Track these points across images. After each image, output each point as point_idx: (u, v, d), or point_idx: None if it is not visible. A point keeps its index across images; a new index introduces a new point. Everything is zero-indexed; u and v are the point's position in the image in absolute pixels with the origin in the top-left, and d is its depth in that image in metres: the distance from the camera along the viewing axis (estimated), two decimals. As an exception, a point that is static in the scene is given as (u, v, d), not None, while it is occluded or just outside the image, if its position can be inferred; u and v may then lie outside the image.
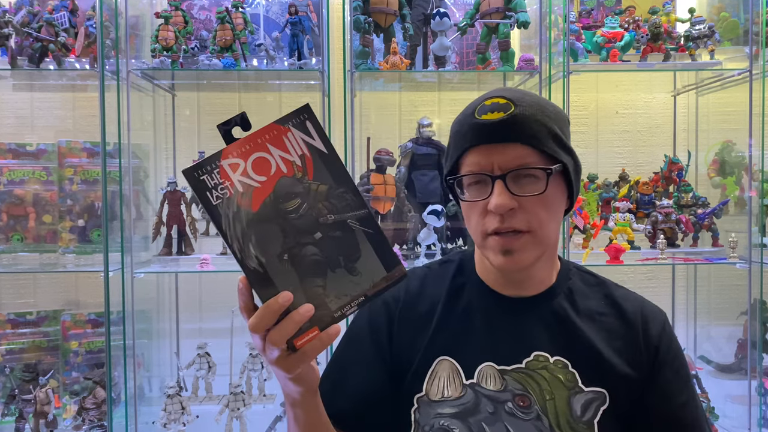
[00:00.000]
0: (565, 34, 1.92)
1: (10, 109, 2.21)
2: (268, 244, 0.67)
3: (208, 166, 0.66)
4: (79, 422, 1.87)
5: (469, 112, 0.91)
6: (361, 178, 1.98)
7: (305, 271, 0.68)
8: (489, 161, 0.88)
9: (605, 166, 2.32)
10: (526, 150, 0.87)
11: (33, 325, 2.03)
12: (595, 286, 1.01)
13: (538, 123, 0.88)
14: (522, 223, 0.88)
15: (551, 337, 0.95)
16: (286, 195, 0.67)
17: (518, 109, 0.87)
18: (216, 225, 0.67)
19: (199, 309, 2.27)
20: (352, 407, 0.95)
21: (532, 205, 0.88)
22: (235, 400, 1.89)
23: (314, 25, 2.02)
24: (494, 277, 0.99)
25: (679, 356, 0.96)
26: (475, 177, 0.89)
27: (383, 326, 0.99)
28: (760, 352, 1.95)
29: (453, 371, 0.94)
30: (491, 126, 0.87)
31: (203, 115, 2.28)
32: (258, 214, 0.67)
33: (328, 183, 0.69)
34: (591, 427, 0.90)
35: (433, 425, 0.93)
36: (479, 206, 0.90)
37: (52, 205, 1.94)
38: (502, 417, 0.91)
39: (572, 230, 1.96)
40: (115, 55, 1.88)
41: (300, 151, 0.68)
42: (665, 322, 0.98)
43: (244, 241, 0.66)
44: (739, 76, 1.99)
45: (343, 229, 0.69)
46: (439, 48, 1.93)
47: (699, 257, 2.03)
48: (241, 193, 0.66)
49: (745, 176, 2.08)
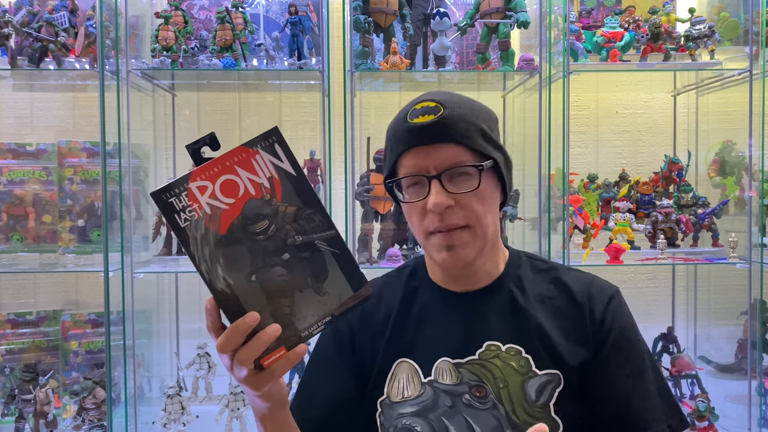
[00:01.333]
0: (565, 34, 1.92)
1: (10, 109, 2.21)
2: (236, 265, 0.68)
3: (177, 189, 0.66)
4: (79, 422, 1.87)
5: (402, 116, 0.95)
6: (361, 178, 1.98)
7: (272, 292, 0.69)
8: (424, 162, 0.92)
9: (605, 166, 2.32)
10: (458, 149, 0.91)
11: (33, 325, 2.03)
12: (545, 272, 1.03)
13: (467, 122, 0.92)
14: (460, 219, 0.91)
15: (503, 326, 0.97)
16: (254, 217, 0.68)
17: (447, 111, 0.91)
18: (184, 247, 0.68)
19: (199, 309, 2.26)
20: (322, 415, 0.98)
21: (467, 201, 0.91)
22: (235, 400, 1.89)
23: (314, 25, 2.02)
24: (443, 276, 1.02)
25: (624, 330, 0.96)
26: (412, 178, 0.93)
27: (345, 334, 1.03)
28: (760, 352, 1.95)
29: (412, 371, 0.97)
30: (423, 129, 0.91)
31: (203, 115, 2.28)
32: (226, 237, 0.67)
33: (296, 204, 0.70)
34: (547, 410, 0.92)
35: (396, 426, 0.95)
36: (418, 207, 0.93)
37: (52, 205, 1.94)
38: (461, 409, 0.93)
39: (572, 230, 1.96)
40: (115, 55, 1.88)
41: (268, 174, 0.69)
42: (612, 297, 0.98)
43: (212, 262, 0.67)
44: (739, 76, 1.99)
45: (311, 249, 0.71)
46: (439, 48, 1.93)
47: (699, 257, 2.03)
48: (209, 215, 0.67)
49: (745, 176, 2.08)
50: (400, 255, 1.91)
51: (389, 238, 2.01)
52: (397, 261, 1.87)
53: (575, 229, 1.97)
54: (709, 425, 1.92)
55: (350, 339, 1.03)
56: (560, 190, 1.98)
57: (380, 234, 2.03)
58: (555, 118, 1.95)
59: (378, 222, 2.01)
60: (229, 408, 1.89)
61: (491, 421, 0.92)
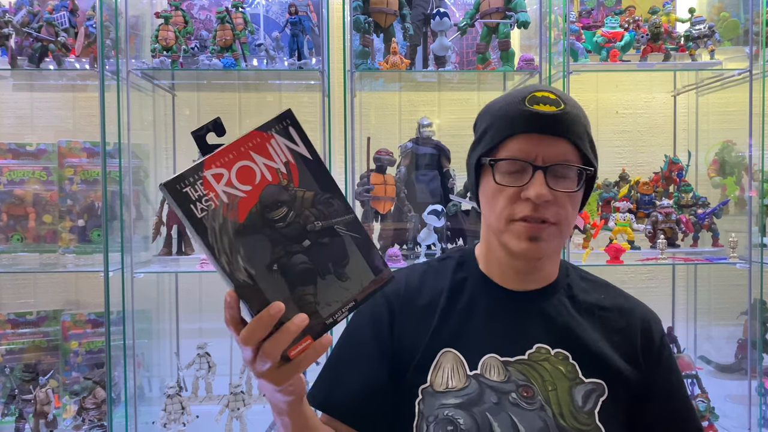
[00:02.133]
0: (565, 34, 1.92)
1: (10, 109, 2.21)
2: (257, 255, 0.65)
3: (191, 178, 0.62)
4: (79, 422, 1.87)
5: (518, 98, 0.92)
6: (361, 178, 1.98)
7: (295, 280, 0.67)
8: (534, 151, 0.90)
9: (605, 166, 2.31)
10: (570, 147, 0.91)
11: (33, 325, 2.03)
12: (592, 283, 1.06)
13: (581, 125, 0.92)
14: (552, 216, 0.91)
15: (552, 330, 0.97)
16: (272, 204, 0.66)
17: (567, 107, 0.91)
18: (200, 239, 0.63)
19: (199, 309, 2.27)
20: (352, 400, 0.97)
21: (563, 200, 0.91)
22: (235, 400, 1.89)
23: (314, 25, 2.02)
24: (498, 271, 1.01)
25: (672, 356, 1.03)
26: (516, 164, 0.91)
27: (385, 319, 1.01)
28: (760, 352, 1.95)
29: (457, 363, 0.96)
30: (544, 117, 0.89)
31: (203, 115, 2.28)
32: (245, 225, 0.64)
33: (314, 189, 0.68)
34: (592, 417, 0.92)
35: (438, 416, 0.93)
36: (510, 192, 0.92)
37: (52, 205, 1.94)
38: (506, 407, 0.92)
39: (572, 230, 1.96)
40: (115, 55, 1.88)
41: (284, 158, 0.67)
42: (662, 328, 1.04)
43: (232, 253, 0.63)
44: (739, 76, 1.99)
45: (331, 234, 0.69)
46: (439, 48, 1.93)
47: (699, 257, 2.03)
48: (226, 204, 0.63)
49: (745, 176, 2.08)
50: (401, 255, 1.90)
51: (389, 238, 2.01)
52: (397, 261, 1.87)
53: (575, 229, 1.97)
54: (709, 425, 1.92)
55: (389, 324, 1.00)
56: (560, 190, 1.97)
57: (380, 234, 2.03)
58: (555, 118, 1.95)
59: (378, 222, 2.01)
60: (229, 408, 1.89)
61: (537, 422, 0.91)
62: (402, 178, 2.00)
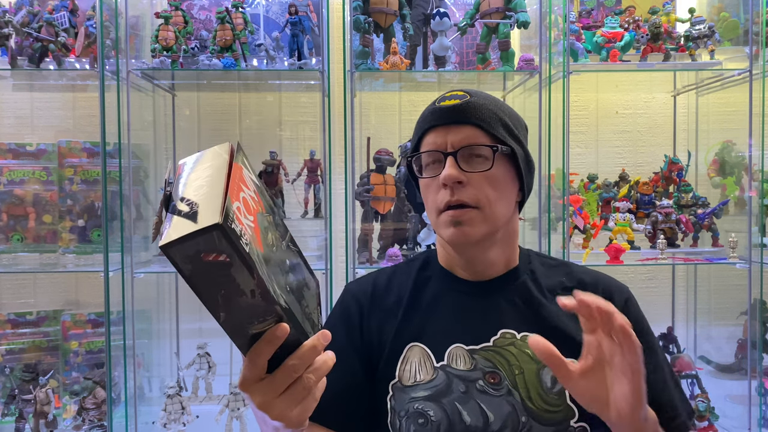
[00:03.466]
0: (565, 34, 1.92)
1: (10, 109, 2.21)
2: (277, 279, 0.64)
3: (231, 213, 0.56)
4: (79, 422, 1.87)
5: (433, 102, 1.01)
6: (361, 178, 1.98)
7: (298, 297, 0.69)
8: (443, 140, 0.97)
9: (605, 166, 2.32)
10: (477, 132, 0.96)
11: (33, 325, 2.03)
12: (556, 267, 1.07)
13: (489, 111, 0.97)
14: (470, 197, 0.94)
15: (517, 315, 0.99)
16: (265, 230, 0.65)
17: (473, 99, 0.97)
18: (248, 274, 0.57)
19: (199, 309, 2.25)
20: (329, 401, 0.95)
21: (479, 182, 0.95)
22: (235, 400, 1.89)
23: (314, 25, 2.02)
24: (457, 265, 1.04)
25: (643, 328, 1.00)
26: (431, 155, 0.98)
27: (355, 317, 1.04)
28: (760, 352, 1.95)
29: (424, 356, 0.98)
30: (446, 110, 0.97)
31: (203, 115, 2.28)
32: (265, 254, 0.62)
33: (270, 212, 0.69)
34: (563, 397, 0.93)
35: (408, 410, 0.95)
36: (433, 185, 0.98)
37: (52, 205, 1.94)
38: (474, 395, 0.94)
39: (572, 230, 1.96)
40: (115, 55, 1.88)
41: (253, 187, 0.66)
42: (629, 297, 1.04)
43: (270, 282, 0.61)
44: (739, 76, 1.99)
45: (291, 252, 0.72)
46: (439, 48, 1.93)
47: (699, 257, 2.03)
48: (251, 236, 0.60)
49: (745, 176, 2.08)
50: (400, 255, 1.90)
51: (389, 238, 2.01)
52: (396, 261, 1.87)
53: (575, 229, 1.97)
54: (709, 425, 1.92)
55: (359, 321, 1.03)
56: (560, 190, 1.98)
57: (380, 234, 2.03)
58: (555, 118, 1.95)
59: (378, 222, 2.01)
60: (229, 408, 1.89)
61: (505, 407, 0.93)
62: (402, 178, 2.00)
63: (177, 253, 0.54)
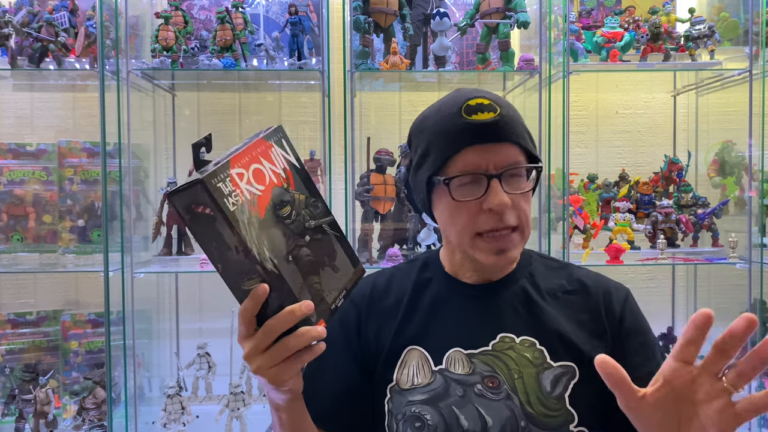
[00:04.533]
0: (565, 34, 1.92)
1: (10, 109, 2.21)
2: (276, 247, 0.71)
3: (221, 174, 0.67)
4: (79, 422, 1.87)
5: (453, 110, 0.91)
6: (361, 178, 1.98)
7: (305, 271, 0.74)
8: (485, 161, 0.90)
9: (605, 166, 2.32)
10: (516, 149, 0.92)
11: (33, 325, 2.03)
12: (557, 269, 1.05)
13: (521, 124, 0.93)
14: (514, 220, 0.91)
15: (516, 318, 0.97)
16: (280, 203, 0.74)
17: (503, 110, 0.91)
18: (231, 230, 0.66)
19: (199, 309, 2.27)
20: (329, 406, 0.98)
21: (519, 202, 0.92)
22: (235, 400, 1.89)
23: (314, 25, 2.02)
24: (467, 272, 1.02)
25: (644, 328, 0.99)
26: (469, 177, 0.90)
27: (352, 322, 1.03)
28: (760, 352, 1.95)
29: (422, 359, 0.97)
30: (484, 126, 0.89)
31: (203, 115, 2.28)
32: (264, 220, 0.70)
33: (305, 193, 0.78)
34: (562, 401, 0.92)
35: (405, 413, 0.95)
36: (470, 206, 0.91)
37: (52, 205, 1.94)
38: (472, 399, 0.93)
39: (572, 230, 1.96)
40: (115, 55, 1.88)
41: (282, 165, 0.76)
42: (628, 295, 1.02)
43: (260, 244, 0.68)
44: (739, 76, 1.99)
45: (321, 232, 0.79)
46: (439, 48, 1.93)
47: (699, 257, 2.03)
48: (249, 200, 0.69)
49: (745, 176, 2.08)
50: (400, 255, 1.91)
51: (389, 238, 2.01)
52: (396, 261, 1.87)
53: (575, 229, 1.97)
54: (709, 425, 1.92)
55: (356, 325, 1.03)
56: (560, 190, 1.98)
57: (380, 234, 2.03)
58: (555, 118, 1.95)
59: (378, 222, 2.01)
60: (229, 408, 1.89)
61: (504, 411, 0.92)
62: (402, 178, 2.00)
63: (177, 202, 0.66)
